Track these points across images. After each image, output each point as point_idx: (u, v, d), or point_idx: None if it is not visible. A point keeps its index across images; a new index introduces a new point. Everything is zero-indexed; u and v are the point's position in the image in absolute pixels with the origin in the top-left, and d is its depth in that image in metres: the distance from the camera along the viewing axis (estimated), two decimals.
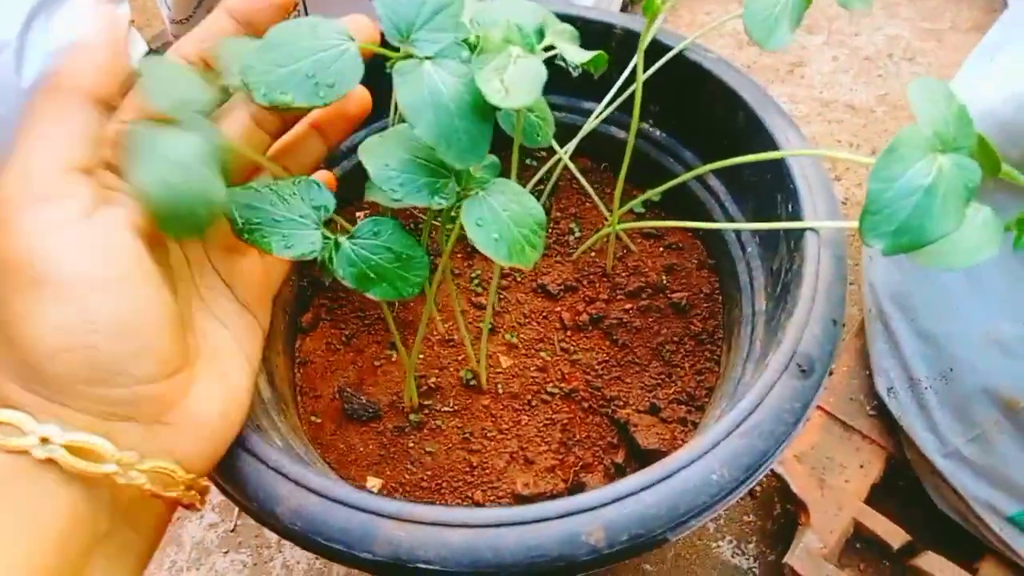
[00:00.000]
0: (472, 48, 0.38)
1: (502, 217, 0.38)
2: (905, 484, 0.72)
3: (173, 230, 0.33)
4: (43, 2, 0.89)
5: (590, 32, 0.44)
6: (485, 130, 0.37)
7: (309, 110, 0.41)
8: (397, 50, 0.37)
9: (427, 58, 0.36)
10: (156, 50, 1.04)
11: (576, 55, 0.37)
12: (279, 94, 0.36)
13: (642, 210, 0.69)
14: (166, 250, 0.36)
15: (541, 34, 0.39)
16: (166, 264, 0.35)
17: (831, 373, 0.73)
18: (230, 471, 0.41)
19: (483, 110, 0.37)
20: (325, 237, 0.43)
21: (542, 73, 0.35)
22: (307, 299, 0.66)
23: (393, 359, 0.61)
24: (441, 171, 0.40)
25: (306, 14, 0.78)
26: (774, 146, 0.53)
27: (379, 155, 0.38)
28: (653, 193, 0.57)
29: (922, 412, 0.64)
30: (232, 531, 0.75)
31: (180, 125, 0.34)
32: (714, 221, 0.62)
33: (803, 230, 0.48)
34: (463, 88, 0.37)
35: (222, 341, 0.37)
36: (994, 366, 0.57)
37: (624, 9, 1.21)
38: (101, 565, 0.31)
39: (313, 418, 0.59)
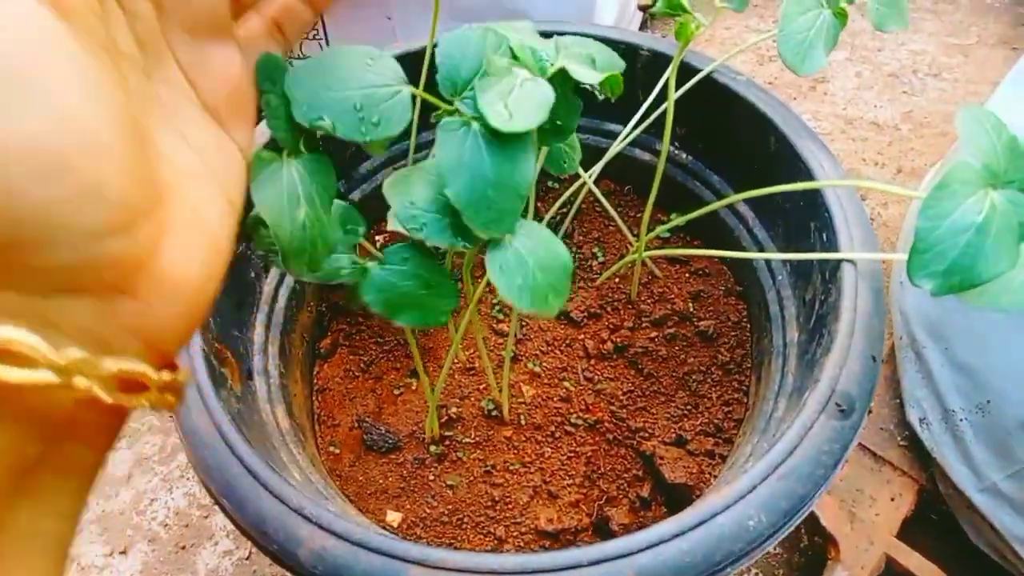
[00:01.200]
0: None
1: (527, 263, 0.37)
2: (938, 518, 0.70)
3: None
4: None
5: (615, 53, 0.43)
6: (517, 204, 0.36)
7: None
8: (450, 102, 0.36)
9: (475, 119, 0.35)
10: None
11: (587, 76, 0.35)
12: (320, 117, 0.35)
13: (667, 235, 0.67)
14: (101, 22, 0.22)
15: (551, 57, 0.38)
16: (104, 44, 0.22)
17: (871, 412, 0.71)
18: (249, 510, 0.40)
19: (520, 184, 0.35)
20: (354, 262, 0.42)
21: (549, 96, 0.34)
22: (325, 324, 0.65)
23: (413, 387, 0.60)
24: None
25: (325, 34, 0.77)
26: (808, 173, 0.51)
27: (404, 192, 0.37)
28: (681, 220, 0.56)
29: (957, 445, 0.62)
30: (247, 559, 0.74)
31: None
32: (742, 247, 0.61)
33: (839, 261, 0.47)
34: (504, 159, 0.35)
35: (189, 165, 0.25)
36: None
37: (643, 27, 1.20)
38: (31, 501, 0.22)
39: (332, 448, 0.58)
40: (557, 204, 0.64)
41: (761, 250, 0.59)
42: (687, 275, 0.65)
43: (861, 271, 0.46)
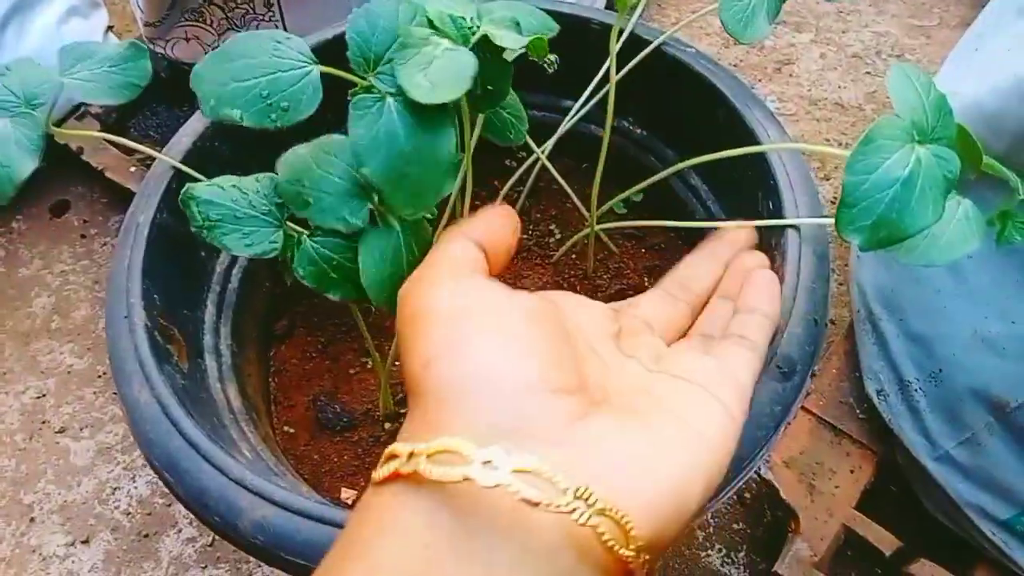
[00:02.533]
0: None
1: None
2: (897, 489, 0.71)
3: None
4: (17, 7, 0.88)
5: (565, 27, 0.43)
6: (442, 179, 0.36)
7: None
8: (364, 79, 0.35)
9: (390, 94, 0.35)
10: None
11: (510, 40, 0.35)
12: (228, 109, 0.34)
13: (624, 210, 0.67)
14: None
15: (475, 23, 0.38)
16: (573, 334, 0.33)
17: (814, 375, 0.72)
18: (190, 483, 0.40)
19: (443, 157, 0.35)
20: (287, 235, 0.41)
21: (471, 64, 0.33)
22: (281, 306, 0.64)
23: (369, 366, 0.60)
24: (359, 193, 0.39)
25: (282, 19, 0.77)
26: (755, 141, 0.51)
27: (293, 167, 0.37)
28: (632, 192, 0.56)
29: (912, 415, 0.63)
30: (210, 545, 0.74)
31: None
32: (695, 220, 0.61)
33: (784, 228, 0.47)
34: (425, 133, 0.35)
35: (649, 403, 0.30)
36: (984, 366, 0.56)
37: (609, 5, 1.20)
38: None
39: (287, 428, 0.57)
40: (511, 181, 0.63)
41: (714, 223, 0.59)
42: (643, 250, 0.65)
43: (804, 236, 0.46)
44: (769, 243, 0.49)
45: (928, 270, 0.60)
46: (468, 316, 0.28)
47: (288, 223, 0.42)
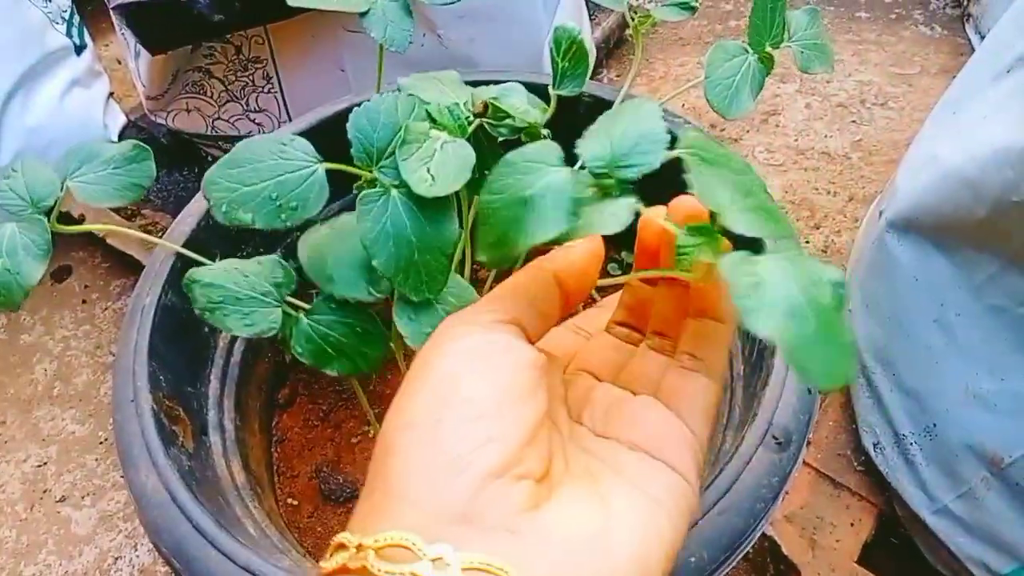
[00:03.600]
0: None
1: (437, 311, 0.39)
2: (898, 541, 0.71)
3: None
4: (21, 81, 0.90)
5: (559, 100, 0.45)
6: (445, 264, 0.37)
7: None
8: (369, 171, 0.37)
9: (394, 186, 0.36)
10: (135, 122, 1.04)
11: (505, 131, 0.37)
12: (240, 213, 0.36)
13: (619, 272, 0.69)
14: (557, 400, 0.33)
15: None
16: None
17: (809, 443, 0.72)
18: (198, 570, 0.40)
19: (446, 244, 0.37)
20: (286, 314, 0.43)
21: (470, 156, 0.35)
22: (284, 375, 0.65)
23: (371, 435, 0.60)
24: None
25: (281, 90, 0.79)
26: None
27: (314, 246, 0.39)
28: (630, 257, 0.57)
29: (909, 468, 0.63)
30: None
31: None
32: None
33: None
34: (428, 222, 0.36)
35: (628, 498, 0.29)
36: (976, 422, 0.56)
37: (597, 68, 1.23)
38: None
39: (290, 500, 0.58)
40: None
41: None
42: None
43: None
44: None
45: (919, 327, 0.61)
46: (456, 386, 0.27)
47: (286, 302, 0.43)
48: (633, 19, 0.56)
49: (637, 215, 0.28)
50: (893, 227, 0.63)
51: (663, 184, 0.30)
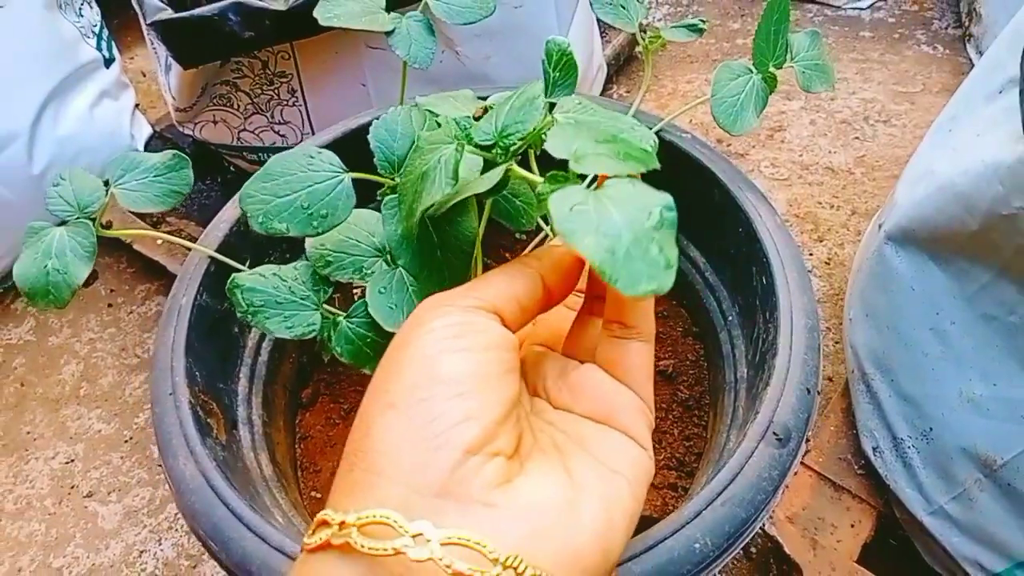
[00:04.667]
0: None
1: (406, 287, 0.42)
2: (896, 542, 0.73)
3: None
4: (53, 93, 0.94)
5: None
6: (464, 261, 0.40)
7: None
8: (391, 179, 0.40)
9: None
10: (160, 133, 1.08)
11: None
12: (275, 223, 0.39)
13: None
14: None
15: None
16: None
17: (809, 440, 0.75)
18: (234, 550, 0.43)
19: (465, 242, 0.40)
20: (324, 317, 0.46)
21: (477, 162, 0.38)
22: (307, 375, 0.68)
23: None
24: (368, 252, 0.44)
25: (305, 103, 0.82)
26: (747, 219, 0.56)
27: (319, 237, 0.42)
28: None
29: (907, 471, 0.66)
30: None
31: None
32: (696, 291, 0.65)
33: (776, 302, 0.51)
34: (447, 223, 0.40)
35: (592, 470, 0.31)
36: (970, 425, 0.59)
37: (608, 84, 1.26)
38: None
39: (314, 494, 0.61)
40: (527, 251, 0.68)
41: (713, 293, 0.63)
42: None
43: (796, 310, 0.50)
44: (764, 315, 0.53)
45: (916, 334, 0.64)
46: (437, 365, 0.28)
47: (324, 307, 0.46)
48: (643, 39, 0.59)
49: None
50: (891, 239, 0.66)
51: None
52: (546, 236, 0.65)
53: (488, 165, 0.37)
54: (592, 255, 0.24)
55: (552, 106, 0.39)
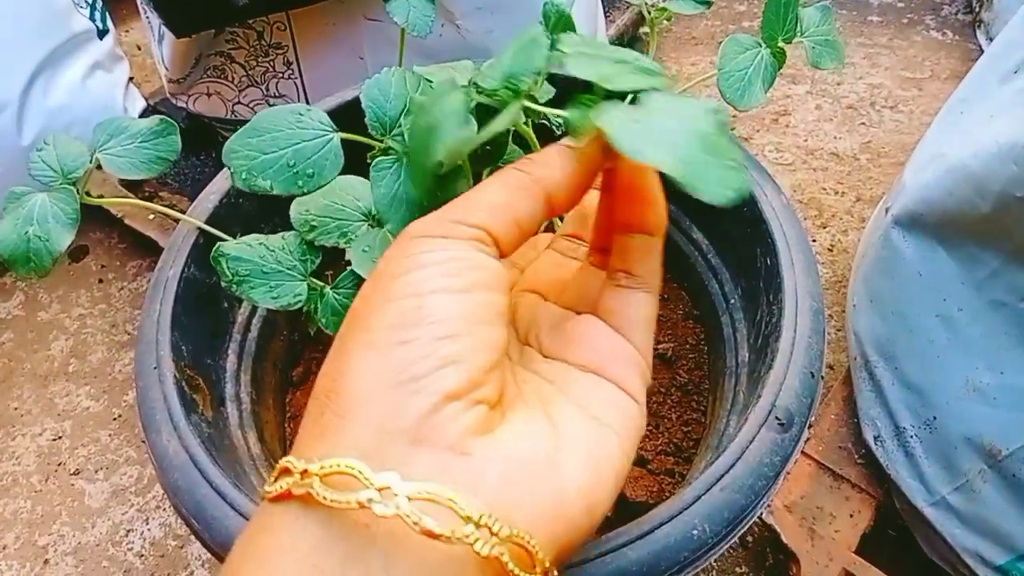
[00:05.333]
0: None
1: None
2: (896, 533, 0.72)
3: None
4: (44, 63, 0.92)
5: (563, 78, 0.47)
6: None
7: None
8: (381, 141, 0.39)
9: (406, 153, 0.38)
10: (154, 106, 1.06)
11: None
12: (259, 180, 0.38)
13: None
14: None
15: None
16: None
17: (811, 426, 0.74)
18: (217, 529, 0.42)
19: None
20: (311, 288, 0.44)
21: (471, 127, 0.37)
22: (298, 353, 0.67)
23: None
24: (353, 216, 0.43)
25: (301, 76, 0.81)
26: (753, 201, 0.54)
27: (301, 202, 0.41)
28: None
29: (908, 460, 0.65)
30: None
31: None
32: (698, 273, 0.63)
33: (781, 284, 0.49)
34: (437, 187, 0.38)
35: (580, 421, 0.29)
36: (976, 415, 0.58)
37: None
38: None
39: None
40: None
41: (715, 276, 0.62)
42: None
43: (800, 292, 0.49)
44: (768, 298, 0.52)
45: (922, 321, 0.62)
46: (424, 305, 0.26)
47: (311, 278, 0.45)
48: (649, 13, 0.57)
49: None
50: (899, 223, 0.65)
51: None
52: None
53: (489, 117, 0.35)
54: (671, 168, 0.23)
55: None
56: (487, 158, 0.42)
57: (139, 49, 1.31)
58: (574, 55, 0.31)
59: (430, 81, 0.43)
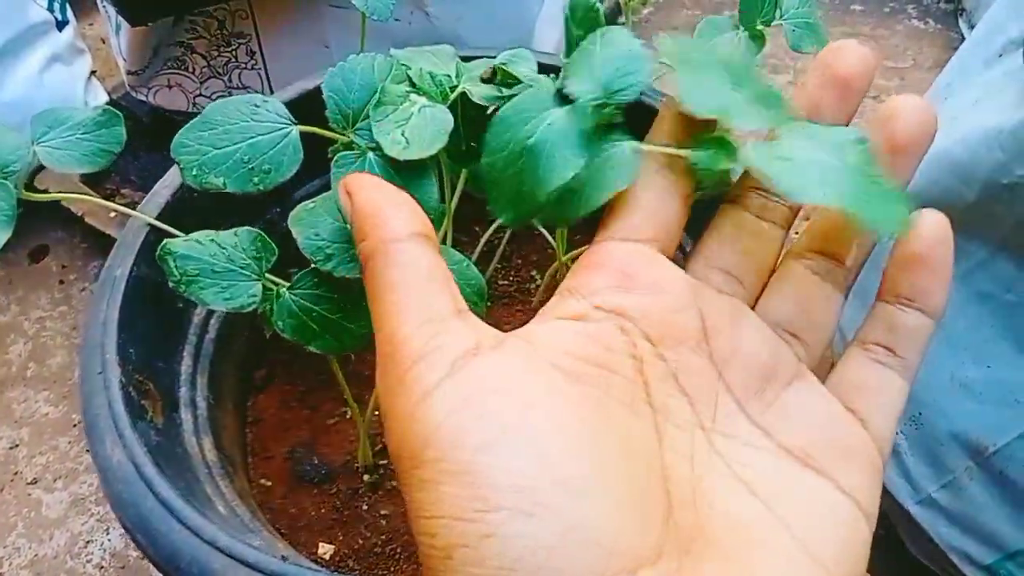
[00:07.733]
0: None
1: None
2: (883, 533, 0.70)
3: None
4: None
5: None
6: None
7: None
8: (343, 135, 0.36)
9: (371, 148, 0.35)
10: (116, 101, 1.03)
11: (482, 95, 0.36)
12: (212, 177, 0.35)
13: None
14: (630, 383, 0.23)
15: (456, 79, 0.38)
16: (627, 401, 0.23)
17: None
18: (163, 544, 0.39)
19: (423, 208, 0.36)
20: (266, 288, 0.41)
21: (448, 121, 0.34)
22: (261, 354, 0.64)
23: (348, 416, 0.59)
24: None
25: (264, 67, 0.78)
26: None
27: (310, 224, 0.37)
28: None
29: (894, 458, 0.63)
30: None
31: None
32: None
33: None
34: (404, 186, 0.35)
35: (750, 515, 0.22)
36: (962, 410, 0.56)
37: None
38: None
39: (263, 481, 0.56)
40: (493, 227, 0.64)
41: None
42: None
43: None
44: None
45: None
46: (488, 454, 0.20)
47: (267, 276, 0.42)
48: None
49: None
50: None
51: None
52: None
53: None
54: (841, 206, 0.22)
55: None
56: (470, 155, 0.39)
57: (103, 42, 1.27)
58: (679, 66, 0.27)
59: (407, 67, 0.40)
